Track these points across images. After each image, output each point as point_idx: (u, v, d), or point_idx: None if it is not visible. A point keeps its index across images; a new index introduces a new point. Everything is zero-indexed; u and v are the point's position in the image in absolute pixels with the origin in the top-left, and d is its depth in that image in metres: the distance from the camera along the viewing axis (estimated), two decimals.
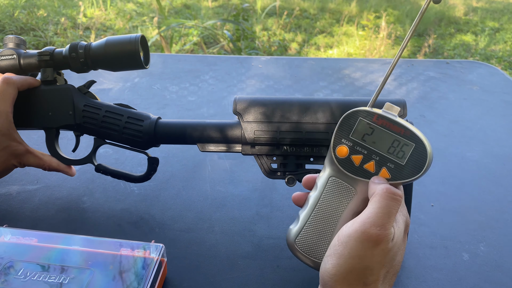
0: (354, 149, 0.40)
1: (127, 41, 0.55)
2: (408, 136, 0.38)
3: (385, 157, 0.39)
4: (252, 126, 0.54)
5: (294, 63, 1.06)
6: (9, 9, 3.25)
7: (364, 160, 0.40)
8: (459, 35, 3.48)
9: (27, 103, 0.57)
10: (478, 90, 0.96)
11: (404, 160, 0.39)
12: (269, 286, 0.49)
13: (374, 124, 0.40)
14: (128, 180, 0.59)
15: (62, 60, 0.57)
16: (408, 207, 0.52)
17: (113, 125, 0.56)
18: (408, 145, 0.38)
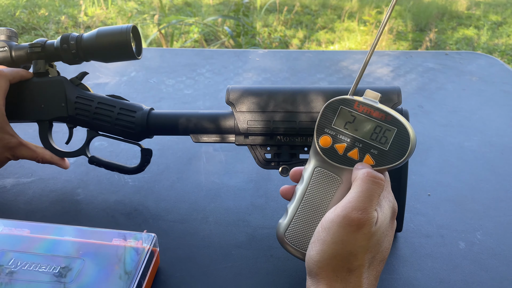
0: (337, 138, 0.40)
1: (118, 32, 0.54)
2: (389, 121, 0.38)
3: (368, 144, 0.39)
4: (245, 116, 0.53)
5: (292, 56, 1.05)
6: (11, 8, 3.26)
7: (348, 148, 0.40)
8: (462, 29, 3.46)
9: (19, 95, 0.57)
10: (477, 80, 0.95)
11: (387, 145, 0.38)
12: (262, 275, 0.49)
13: (355, 112, 0.39)
14: (122, 172, 0.58)
15: (53, 52, 0.56)
16: (401, 196, 0.52)
17: (105, 117, 0.56)
18: (390, 130, 0.38)
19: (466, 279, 0.49)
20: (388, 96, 0.52)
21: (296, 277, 0.49)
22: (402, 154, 0.38)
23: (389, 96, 0.52)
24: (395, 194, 0.52)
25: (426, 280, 0.49)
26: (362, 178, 0.37)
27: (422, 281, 0.49)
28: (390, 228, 0.38)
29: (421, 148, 0.72)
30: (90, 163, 0.58)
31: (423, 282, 0.49)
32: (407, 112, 0.53)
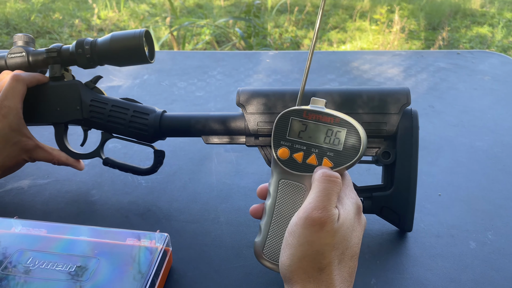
0: (293, 148, 0.41)
1: (131, 36, 0.56)
2: (338, 123, 0.40)
3: (323, 148, 0.41)
4: (255, 117, 0.54)
5: (302, 56, 1.06)
6: (26, 13, 3.32)
7: (306, 156, 0.41)
8: (475, 27, 3.42)
9: (36, 99, 0.59)
10: (490, 80, 0.95)
11: (341, 146, 0.40)
12: (273, 274, 0.50)
13: (305, 120, 0.41)
14: (135, 173, 0.60)
15: (69, 56, 0.58)
16: (410, 196, 0.52)
17: (119, 119, 0.58)
18: (340, 131, 0.40)
19: (477, 279, 0.49)
20: (397, 97, 0.52)
21: None
22: (356, 152, 0.40)
23: (398, 97, 0.52)
24: (404, 193, 0.52)
25: (437, 280, 0.49)
26: (318, 179, 0.38)
27: (432, 281, 0.49)
28: (357, 223, 0.39)
29: (432, 148, 0.72)
30: (104, 165, 0.59)
31: (433, 281, 0.49)
32: (416, 112, 0.53)
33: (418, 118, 0.53)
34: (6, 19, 3.19)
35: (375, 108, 0.52)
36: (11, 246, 0.47)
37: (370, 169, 0.66)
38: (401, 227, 0.54)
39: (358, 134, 0.40)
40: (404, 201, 0.52)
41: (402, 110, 0.52)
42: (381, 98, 0.53)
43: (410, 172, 0.52)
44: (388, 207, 0.53)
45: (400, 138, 0.52)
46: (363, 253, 0.52)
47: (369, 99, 0.53)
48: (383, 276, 0.50)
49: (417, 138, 0.52)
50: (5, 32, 3.07)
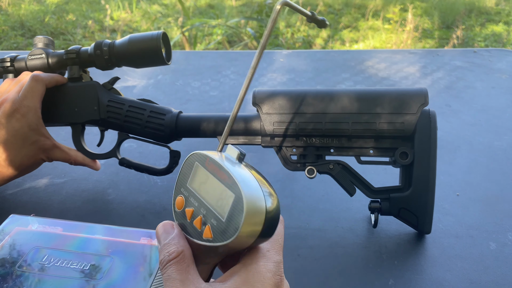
0: (188, 200, 0.34)
1: (149, 38, 0.57)
2: (229, 184, 0.31)
3: (211, 211, 0.32)
4: (271, 118, 0.54)
5: (316, 56, 1.05)
6: (40, 14, 3.36)
7: (194, 215, 0.33)
8: (490, 25, 3.37)
9: (54, 99, 0.59)
10: (507, 78, 0.93)
11: (225, 215, 0.31)
12: (290, 275, 0.49)
13: (207, 171, 0.33)
14: (151, 173, 0.60)
15: (87, 58, 0.59)
16: (429, 197, 0.51)
17: (136, 119, 0.58)
18: (231, 196, 0.30)
19: (497, 281, 0.48)
20: (415, 97, 0.52)
21: (323, 276, 0.49)
22: (233, 231, 0.30)
23: (416, 97, 0.52)
24: (423, 194, 0.51)
25: (456, 281, 0.48)
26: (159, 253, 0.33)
27: (451, 282, 0.48)
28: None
29: (450, 148, 0.71)
30: (120, 165, 0.60)
31: (452, 283, 0.48)
32: (434, 113, 0.52)
33: (436, 118, 0.52)
34: (21, 21, 3.24)
35: (392, 108, 0.52)
36: (27, 243, 0.47)
37: (387, 168, 0.65)
38: (419, 229, 0.53)
39: (242, 206, 0.29)
40: (423, 202, 0.51)
41: (420, 111, 0.51)
42: (399, 98, 0.52)
43: (429, 173, 0.51)
44: (406, 209, 0.52)
45: (418, 138, 0.51)
46: (380, 253, 0.52)
47: (386, 99, 0.52)
48: (401, 276, 0.49)
49: (436, 139, 0.51)
50: (20, 33, 3.11)
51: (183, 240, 0.33)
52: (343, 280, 0.49)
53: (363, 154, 0.54)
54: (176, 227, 0.34)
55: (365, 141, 0.53)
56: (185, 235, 0.34)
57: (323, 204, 0.59)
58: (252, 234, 0.30)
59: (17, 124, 0.54)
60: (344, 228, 0.56)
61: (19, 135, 0.54)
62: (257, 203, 0.30)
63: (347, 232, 0.55)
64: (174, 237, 0.33)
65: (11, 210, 0.55)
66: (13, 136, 0.54)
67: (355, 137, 0.53)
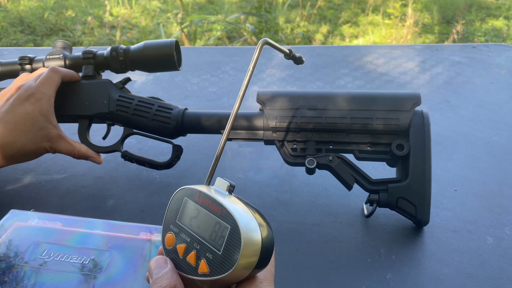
0: (179, 236, 0.34)
1: (163, 45, 0.61)
2: (224, 216, 0.31)
3: (205, 245, 0.32)
4: (275, 112, 0.57)
5: (315, 51, 1.05)
6: (39, 10, 3.35)
7: (187, 250, 0.33)
8: (491, 20, 3.37)
9: (66, 92, 0.61)
10: (506, 73, 0.93)
11: (221, 248, 0.31)
12: (288, 269, 0.50)
13: (198, 205, 0.33)
14: (152, 166, 0.61)
15: (103, 60, 0.63)
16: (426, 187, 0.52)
17: (144, 113, 0.60)
18: (226, 228, 0.31)
19: (494, 275, 0.49)
20: (409, 97, 0.55)
21: (321, 271, 0.49)
22: (232, 262, 0.30)
23: (409, 97, 0.55)
24: (420, 183, 0.52)
25: (453, 275, 0.49)
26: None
27: (449, 276, 0.49)
28: None
29: (448, 143, 0.71)
30: (122, 157, 0.61)
31: (450, 277, 0.49)
32: (427, 112, 0.55)
33: (428, 116, 0.55)
34: (20, 17, 3.23)
35: (388, 106, 0.55)
36: (27, 238, 0.48)
37: (384, 165, 0.65)
38: (417, 220, 0.53)
39: (239, 237, 0.29)
40: (421, 191, 0.52)
41: (414, 108, 0.55)
42: (394, 99, 0.56)
43: (425, 164, 0.53)
44: (404, 198, 0.53)
45: (412, 133, 0.54)
46: (378, 248, 0.52)
47: (382, 99, 0.56)
48: (399, 271, 0.49)
49: (429, 134, 0.54)
50: (19, 30, 3.11)
51: (175, 275, 0.33)
52: (341, 274, 0.49)
53: (361, 149, 0.56)
54: (169, 262, 0.34)
55: (363, 136, 0.56)
56: (179, 272, 0.33)
57: (322, 199, 0.60)
58: (249, 266, 0.30)
59: (30, 107, 0.55)
60: (342, 223, 0.56)
61: (29, 118, 0.55)
62: (253, 233, 0.30)
63: (345, 227, 0.55)
64: (167, 272, 0.33)
65: (11, 205, 0.55)
66: (23, 118, 0.55)
67: (353, 132, 0.56)
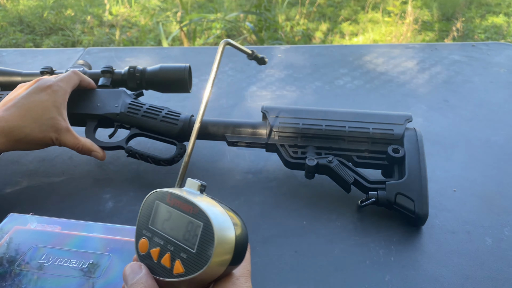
0: (153, 240, 0.34)
1: (178, 69, 0.67)
2: (196, 214, 0.31)
3: (179, 246, 0.32)
4: (279, 119, 0.62)
5: (315, 51, 1.05)
6: (39, 10, 3.35)
7: (161, 253, 0.33)
8: (490, 17, 3.36)
9: (81, 94, 0.65)
10: (506, 72, 0.93)
11: (195, 246, 0.31)
12: (287, 271, 0.50)
13: (170, 207, 0.33)
14: (155, 162, 0.63)
15: (120, 77, 0.68)
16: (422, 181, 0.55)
17: (153, 115, 0.64)
18: (199, 227, 0.31)
19: (493, 276, 0.49)
20: (401, 115, 0.61)
21: (321, 273, 0.50)
22: (206, 259, 0.30)
23: (402, 115, 0.61)
24: (417, 179, 0.54)
25: (452, 276, 0.49)
26: None
27: (447, 277, 0.49)
28: None
29: (447, 143, 0.71)
30: (126, 152, 0.63)
31: (448, 278, 0.49)
32: (419, 130, 0.61)
33: (421, 133, 0.60)
34: (20, 17, 3.22)
35: (383, 119, 0.61)
36: (26, 242, 0.48)
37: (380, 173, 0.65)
38: (417, 214, 0.53)
39: (212, 233, 0.30)
40: (418, 186, 0.54)
41: (406, 123, 0.60)
42: (388, 115, 0.62)
43: (420, 163, 0.56)
44: (403, 194, 0.54)
45: (406, 141, 0.59)
46: (377, 250, 0.52)
47: (377, 115, 0.62)
48: (398, 272, 0.49)
49: (422, 142, 0.58)
50: (18, 29, 3.10)
51: (151, 280, 0.33)
52: (340, 276, 0.49)
53: (359, 155, 0.60)
54: (144, 267, 0.34)
55: (360, 144, 0.60)
56: (155, 277, 0.33)
57: (320, 202, 0.60)
58: (224, 262, 0.31)
59: (45, 96, 0.57)
60: (341, 225, 0.56)
61: (41, 106, 0.57)
62: (226, 229, 0.31)
63: (344, 230, 0.55)
64: (142, 277, 0.33)
65: (9, 208, 0.56)
66: (36, 106, 0.57)
67: (351, 140, 0.60)
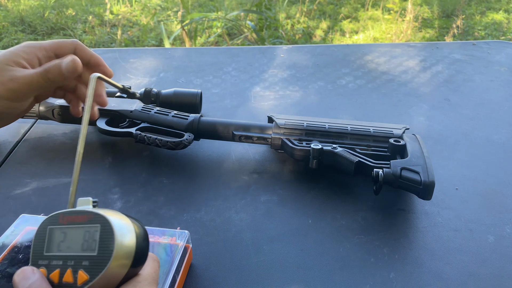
0: (50, 266, 0.33)
1: (190, 94, 0.75)
2: (92, 219, 0.33)
3: (79, 257, 0.33)
4: (283, 120, 0.66)
5: (316, 50, 1.06)
6: (40, 10, 3.36)
7: (61, 273, 0.33)
8: (491, 13, 3.36)
9: None
10: (506, 71, 0.94)
11: (96, 249, 0.32)
12: (293, 270, 0.51)
13: (63, 226, 0.34)
14: (162, 144, 0.65)
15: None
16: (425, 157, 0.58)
17: (163, 114, 0.69)
18: (96, 230, 0.33)
19: (495, 273, 0.50)
20: (400, 125, 0.66)
21: (326, 271, 0.51)
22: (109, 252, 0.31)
23: (399, 124, 0.66)
24: (420, 155, 0.58)
25: (455, 274, 0.50)
26: None
27: (451, 275, 0.50)
28: None
29: (448, 142, 0.72)
30: (135, 137, 0.65)
31: (452, 275, 0.50)
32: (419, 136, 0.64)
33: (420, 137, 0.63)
34: (21, 16, 3.23)
35: (382, 125, 0.66)
36: None
37: None
38: (423, 183, 0.54)
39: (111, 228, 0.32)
40: (422, 161, 0.56)
41: (404, 129, 0.65)
42: (387, 124, 0.66)
43: (421, 149, 0.59)
44: (407, 168, 0.56)
45: (406, 137, 0.63)
46: (381, 248, 0.53)
47: (377, 123, 0.66)
48: (402, 270, 0.51)
49: (423, 141, 0.62)
50: (20, 29, 3.11)
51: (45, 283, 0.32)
52: (345, 274, 0.50)
53: (361, 148, 0.63)
54: (37, 272, 0.32)
55: (363, 141, 0.64)
56: None
57: (326, 200, 0.61)
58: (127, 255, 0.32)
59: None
60: (346, 224, 0.57)
61: None
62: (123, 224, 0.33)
63: (349, 228, 0.56)
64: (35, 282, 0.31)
65: (21, 210, 0.57)
66: None
67: (354, 138, 0.64)
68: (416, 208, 0.59)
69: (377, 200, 0.60)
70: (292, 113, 0.81)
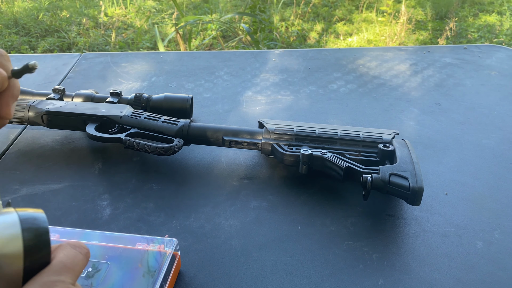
0: None
1: (181, 99, 0.74)
2: None
3: None
4: (274, 123, 0.67)
5: (309, 55, 1.06)
6: (34, 12, 3.34)
7: None
8: (483, 16, 3.38)
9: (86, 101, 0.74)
10: (497, 75, 0.94)
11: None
12: (283, 276, 0.51)
13: None
14: (151, 150, 0.64)
15: (127, 101, 0.74)
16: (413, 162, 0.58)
17: (155, 118, 0.69)
18: None
19: (483, 279, 0.50)
20: (389, 130, 0.67)
21: (315, 278, 0.51)
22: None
23: (389, 130, 0.67)
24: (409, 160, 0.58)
25: (444, 280, 0.50)
26: None
27: (439, 281, 0.50)
28: None
29: (439, 147, 0.72)
30: (124, 143, 0.65)
31: (440, 281, 0.50)
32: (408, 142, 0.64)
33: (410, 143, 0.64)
34: (15, 18, 3.22)
35: (372, 130, 0.67)
36: None
37: None
38: (412, 189, 0.54)
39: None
40: (410, 167, 0.57)
41: (393, 134, 0.66)
42: (377, 130, 0.67)
43: (410, 154, 0.60)
44: (396, 174, 0.56)
45: (395, 140, 0.65)
46: (370, 254, 0.53)
47: (367, 128, 0.67)
48: (391, 276, 0.51)
49: (412, 146, 0.62)
50: (14, 31, 3.10)
51: None
52: (334, 280, 0.50)
53: (350, 153, 0.63)
54: None
55: (352, 146, 0.64)
56: None
57: (315, 207, 0.61)
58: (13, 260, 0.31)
59: None
60: (335, 230, 0.57)
61: None
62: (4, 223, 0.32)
63: (338, 234, 0.56)
64: None
65: None
66: None
67: (344, 143, 0.64)
68: (406, 214, 0.59)
69: (367, 206, 0.60)
70: (283, 117, 0.81)
